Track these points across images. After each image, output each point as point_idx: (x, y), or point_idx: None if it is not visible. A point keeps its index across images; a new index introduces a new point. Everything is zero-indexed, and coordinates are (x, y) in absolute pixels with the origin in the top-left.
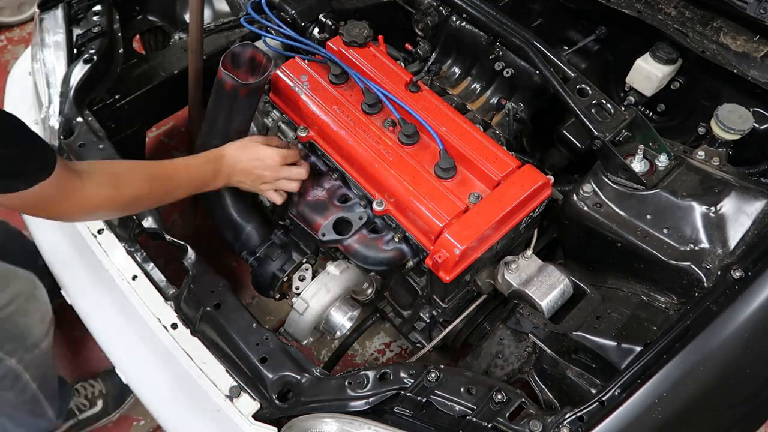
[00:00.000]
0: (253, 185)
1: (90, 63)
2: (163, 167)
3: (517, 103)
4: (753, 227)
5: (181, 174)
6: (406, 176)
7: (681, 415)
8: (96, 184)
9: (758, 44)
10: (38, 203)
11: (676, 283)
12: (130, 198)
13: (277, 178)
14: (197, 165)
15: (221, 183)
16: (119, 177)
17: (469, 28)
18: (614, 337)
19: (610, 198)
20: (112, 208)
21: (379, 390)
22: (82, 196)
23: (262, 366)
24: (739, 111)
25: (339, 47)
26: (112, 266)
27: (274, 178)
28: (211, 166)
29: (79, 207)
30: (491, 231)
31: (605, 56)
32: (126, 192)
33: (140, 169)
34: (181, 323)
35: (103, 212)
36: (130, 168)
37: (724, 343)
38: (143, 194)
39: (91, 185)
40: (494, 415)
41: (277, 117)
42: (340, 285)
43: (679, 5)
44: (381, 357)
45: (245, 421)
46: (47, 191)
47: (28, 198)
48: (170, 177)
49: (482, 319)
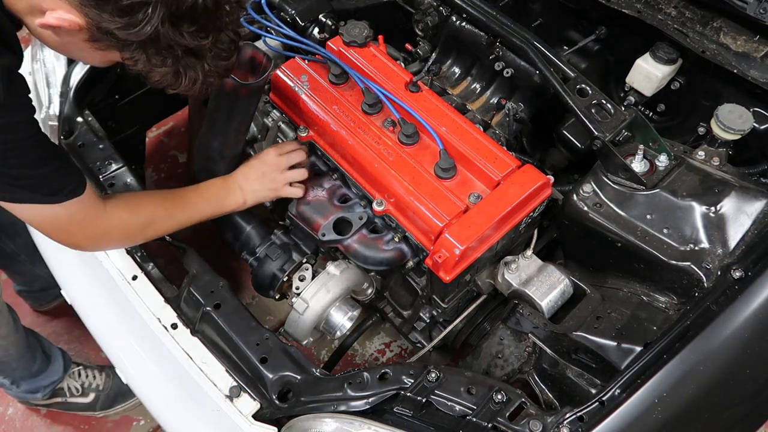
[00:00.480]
0: (270, 189)
1: None
2: (175, 191)
3: (517, 103)
4: (753, 227)
5: (191, 194)
6: (406, 176)
7: (681, 415)
8: (115, 207)
9: (758, 44)
10: (65, 222)
11: (676, 283)
12: (146, 220)
13: (285, 180)
14: (207, 185)
15: (241, 200)
16: (136, 200)
17: (469, 28)
18: (614, 337)
19: (610, 198)
20: (130, 232)
21: (379, 390)
22: (104, 218)
23: (262, 366)
24: (739, 111)
25: (339, 47)
26: (112, 266)
27: (284, 180)
28: (221, 182)
29: (101, 229)
30: (491, 231)
31: (605, 56)
32: (142, 213)
33: (155, 193)
34: (181, 323)
35: (121, 236)
36: (145, 193)
37: (724, 343)
38: (159, 216)
39: (112, 208)
40: (494, 415)
41: (277, 117)
42: (340, 285)
43: (679, 5)
44: (381, 357)
45: (245, 421)
46: (76, 210)
47: (57, 215)
48: (182, 197)
49: (482, 319)
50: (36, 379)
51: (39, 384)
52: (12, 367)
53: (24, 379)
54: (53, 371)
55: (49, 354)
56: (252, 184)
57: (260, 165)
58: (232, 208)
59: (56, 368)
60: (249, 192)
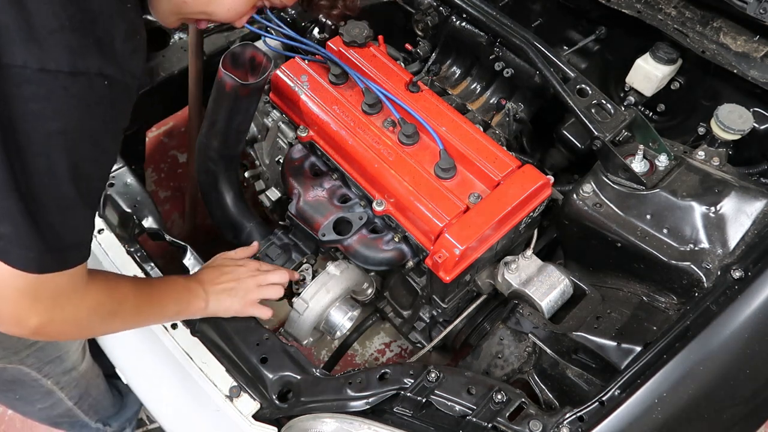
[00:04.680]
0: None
1: None
2: (145, 280)
3: (517, 103)
4: (753, 227)
5: (162, 288)
6: (406, 176)
7: (681, 415)
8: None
9: (758, 44)
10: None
11: (676, 283)
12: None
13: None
14: (173, 282)
15: (203, 304)
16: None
17: (469, 28)
18: (614, 337)
19: (610, 198)
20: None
21: (379, 390)
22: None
23: (262, 366)
24: (739, 111)
25: (339, 47)
26: (112, 266)
27: (254, 297)
28: (183, 282)
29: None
30: (491, 231)
31: (605, 56)
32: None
33: (129, 279)
34: (181, 323)
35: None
36: (121, 277)
37: (724, 343)
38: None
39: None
40: (494, 415)
41: (277, 117)
42: (340, 285)
43: (679, 5)
44: (381, 357)
45: (245, 421)
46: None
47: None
48: (152, 289)
49: (482, 319)
50: (120, 414)
51: (125, 417)
52: (103, 405)
53: (112, 416)
54: (132, 400)
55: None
56: (220, 293)
57: (233, 275)
58: (192, 313)
59: (133, 397)
60: (214, 300)
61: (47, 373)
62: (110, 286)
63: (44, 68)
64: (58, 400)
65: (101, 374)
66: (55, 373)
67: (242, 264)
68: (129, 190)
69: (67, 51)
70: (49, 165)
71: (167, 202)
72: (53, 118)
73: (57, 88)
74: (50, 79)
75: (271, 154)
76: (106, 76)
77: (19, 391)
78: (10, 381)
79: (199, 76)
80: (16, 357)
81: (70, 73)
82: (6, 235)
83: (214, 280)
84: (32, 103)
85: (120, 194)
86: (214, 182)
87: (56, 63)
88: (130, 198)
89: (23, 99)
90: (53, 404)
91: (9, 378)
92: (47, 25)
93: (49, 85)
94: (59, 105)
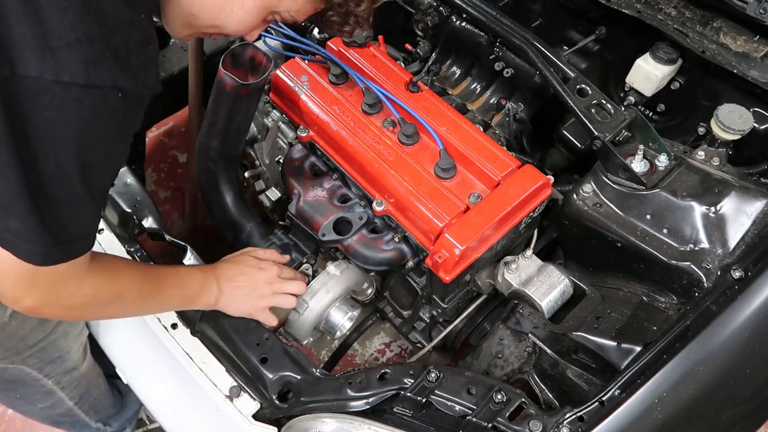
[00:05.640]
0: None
1: None
2: (154, 269)
3: (517, 103)
4: (753, 227)
5: (169, 278)
6: (406, 176)
7: (681, 415)
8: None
9: (758, 44)
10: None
11: (676, 283)
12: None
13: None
14: (186, 272)
15: (213, 300)
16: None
17: (469, 28)
18: (614, 337)
19: (610, 198)
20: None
21: (379, 390)
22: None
23: (262, 366)
24: (739, 111)
25: (339, 47)
26: None
27: (268, 303)
28: (200, 274)
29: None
30: (491, 231)
31: (605, 56)
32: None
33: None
34: (181, 323)
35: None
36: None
37: (724, 343)
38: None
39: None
40: (494, 415)
41: (277, 117)
42: (340, 285)
43: (679, 5)
44: (381, 357)
45: (245, 421)
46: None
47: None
48: (160, 279)
49: (482, 319)
50: (120, 414)
51: (125, 417)
52: (104, 405)
53: (112, 417)
54: (132, 400)
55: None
56: (233, 291)
57: (251, 279)
58: (200, 306)
59: (133, 397)
60: (226, 297)
61: (48, 373)
62: (112, 275)
63: (59, 80)
64: (59, 399)
65: (102, 374)
66: (56, 373)
67: (264, 267)
68: (129, 190)
69: (83, 64)
70: (60, 167)
71: (167, 202)
72: (65, 127)
73: (70, 100)
74: (64, 91)
75: (271, 154)
76: (121, 88)
77: (20, 390)
78: (11, 381)
79: (199, 76)
80: (18, 357)
81: (84, 85)
82: (15, 230)
83: (231, 278)
84: (46, 112)
85: (120, 194)
86: (214, 182)
87: (71, 75)
88: (130, 198)
89: (37, 108)
90: (54, 404)
91: (10, 378)
92: (64, 37)
93: (62, 96)
94: (71, 116)
